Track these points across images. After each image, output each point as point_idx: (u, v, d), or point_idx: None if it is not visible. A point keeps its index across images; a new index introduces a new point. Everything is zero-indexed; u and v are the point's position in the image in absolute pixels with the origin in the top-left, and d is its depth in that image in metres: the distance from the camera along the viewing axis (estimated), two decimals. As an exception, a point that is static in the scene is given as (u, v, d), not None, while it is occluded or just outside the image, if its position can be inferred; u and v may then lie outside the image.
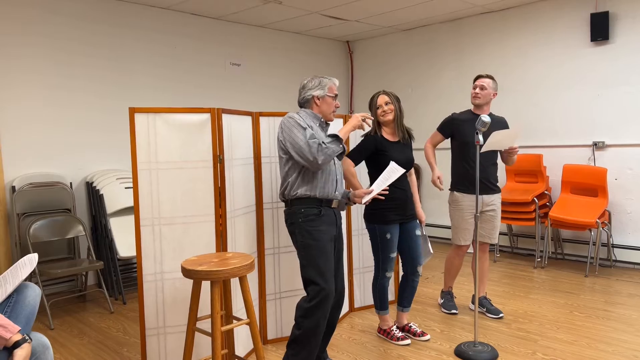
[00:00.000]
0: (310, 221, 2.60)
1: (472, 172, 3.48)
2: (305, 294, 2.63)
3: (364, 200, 2.75)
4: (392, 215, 3.10)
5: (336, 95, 2.73)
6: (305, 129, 2.53)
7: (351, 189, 2.87)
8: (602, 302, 3.94)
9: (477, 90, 3.52)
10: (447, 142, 3.71)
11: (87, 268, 3.98)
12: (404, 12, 5.64)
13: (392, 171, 2.81)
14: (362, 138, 3.17)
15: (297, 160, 2.54)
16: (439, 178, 3.36)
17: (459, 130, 3.51)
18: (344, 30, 6.47)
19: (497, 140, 3.09)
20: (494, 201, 3.58)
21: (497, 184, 3.63)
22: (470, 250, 4.07)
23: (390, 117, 3.12)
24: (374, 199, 2.94)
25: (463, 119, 3.55)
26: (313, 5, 5.23)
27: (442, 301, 3.80)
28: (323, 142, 2.50)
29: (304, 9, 5.38)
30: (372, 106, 3.17)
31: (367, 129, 3.14)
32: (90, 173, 4.68)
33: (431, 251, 3.37)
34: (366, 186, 3.21)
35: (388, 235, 3.10)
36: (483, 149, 3.09)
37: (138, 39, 5.03)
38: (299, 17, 5.71)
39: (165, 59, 5.25)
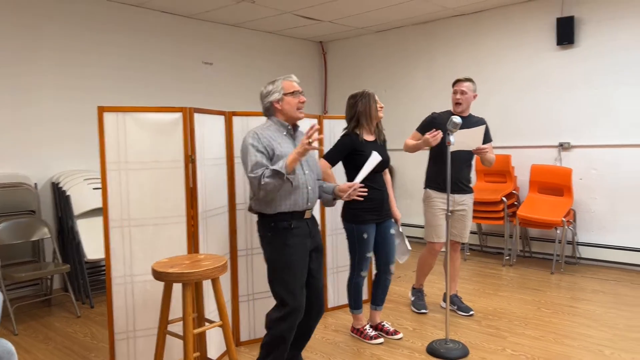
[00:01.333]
0: (278, 235, 2.51)
1: (444, 171, 3.50)
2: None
3: (344, 196, 2.68)
4: (369, 215, 3.12)
5: (297, 91, 2.57)
6: (257, 153, 2.41)
7: (336, 185, 2.77)
8: (567, 298, 4.05)
9: (458, 95, 3.55)
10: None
11: (53, 271, 3.86)
12: (376, 14, 5.68)
13: (372, 162, 2.76)
14: (340, 137, 3.16)
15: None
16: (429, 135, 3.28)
17: (439, 129, 3.50)
18: (317, 31, 6.47)
19: (461, 141, 3.15)
20: (465, 201, 3.63)
21: (470, 185, 3.68)
22: (443, 249, 4.13)
23: (382, 114, 3.20)
24: (352, 200, 2.95)
25: (443, 120, 3.54)
26: (286, 5, 5.21)
27: (413, 299, 3.83)
28: (263, 177, 2.36)
29: (277, 9, 5.36)
30: (371, 100, 3.13)
31: (315, 150, 2.78)
32: (56, 173, 4.55)
33: (409, 248, 3.42)
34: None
35: (365, 235, 3.12)
36: (453, 149, 3.14)
37: (108, 36, 4.92)
38: (272, 17, 5.68)
39: (136, 57, 5.14)
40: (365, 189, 2.99)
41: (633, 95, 4.74)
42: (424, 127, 3.60)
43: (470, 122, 3.58)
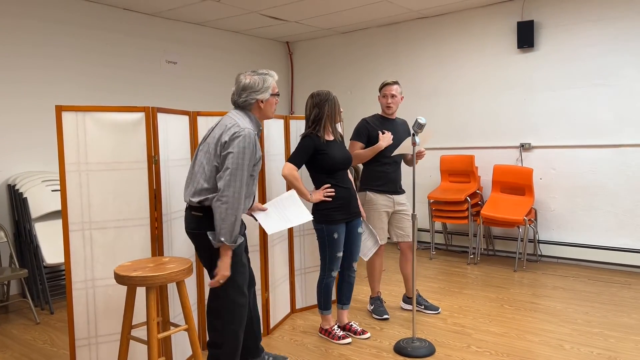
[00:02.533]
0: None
1: (386, 173, 3.56)
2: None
3: (260, 220, 2.76)
4: (338, 214, 3.12)
5: (278, 92, 2.60)
6: (246, 172, 2.37)
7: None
8: (529, 295, 4.17)
9: (389, 99, 3.57)
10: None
11: (10, 277, 3.72)
12: (342, 15, 5.70)
13: (291, 201, 2.88)
14: (300, 138, 3.15)
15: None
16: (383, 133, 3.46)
17: (373, 135, 3.54)
18: (283, 31, 6.45)
19: (407, 146, 3.25)
20: (402, 200, 3.68)
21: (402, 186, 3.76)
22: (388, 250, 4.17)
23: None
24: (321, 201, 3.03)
25: (375, 123, 3.59)
26: (252, 4, 5.17)
27: (372, 307, 3.78)
28: (234, 212, 2.31)
29: (243, 8, 5.32)
30: (337, 104, 3.15)
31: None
32: (12, 175, 4.37)
33: (380, 242, 3.49)
34: (311, 189, 3.20)
35: (335, 235, 3.12)
36: (395, 152, 3.26)
37: (66, 34, 4.77)
38: (238, 16, 5.63)
39: (97, 55, 5.00)
40: (332, 190, 3.02)
41: (589, 97, 4.91)
42: (361, 134, 3.57)
43: (396, 124, 3.68)
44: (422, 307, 3.82)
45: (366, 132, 3.56)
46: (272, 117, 2.66)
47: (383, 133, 3.48)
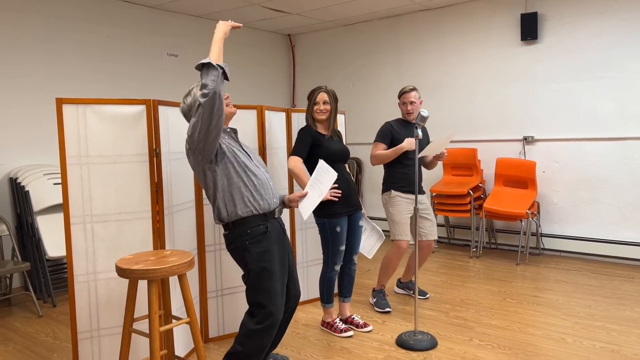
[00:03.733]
0: (259, 242, 2.39)
1: (407, 175, 3.64)
2: (250, 312, 2.43)
3: (301, 206, 2.61)
4: (340, 208, 3.12)
5: None
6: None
7: (284, 195, 2.70)
8: (532, 288, 4.16)
9: (409, 107, 3.66)
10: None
11: (13, 270, 3.72)
12: (344, 7, 5.67)
13: (323, 172, 2.67)
14: (298, 132, 3.16)
15: (194, 148, 2.28)
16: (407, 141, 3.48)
17: (396, 137, 3.63)
18: (285, 24, 6.41)
19: (433, 148, 3.31)
20: (423, 200, 3.76)
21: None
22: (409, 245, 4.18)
23: (323, 117, 3.15)
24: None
25: (398, 126, 3.69)
26: (253, -4, 5.14)
27: (374, 300, 3.80)
28: (202, 94, 2.19)
29: (245, 0, 5.28)
30: (311, 100, 3.16)
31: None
32: (14, 168, 4.37)
33: (383, 236, 3.49)
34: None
35: (338, 229, 3.12)
36: (420, 154, 3.24)
37: (67, 27, 4.74)
38: (240, 9, 5.60)
39: (98, 49, 4.98)
40: (339, 191, 2.99)
41: (592, 90, 4.88)
42: (385, 136, 3.65)
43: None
44: (411, 292, 3.97)
45: (390, 134, 3.64)
46: (232, 110, 2.50)
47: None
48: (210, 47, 2.34)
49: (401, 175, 3.65)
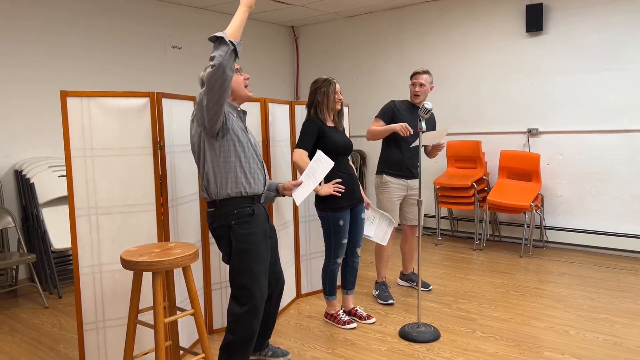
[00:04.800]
0: (244, 223, 2.40)
1: (403, 160, 3.62)
2: (233, 297, 2.46)
3: (294, 194, 2.60)
4: (342, 201, 3.12)
5: (239, 68, 2.48)
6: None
7: (279, 183, 2.69)
8: (535, 281, 4.16)
9: (417, 88, 3.64)
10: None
11: (18, 261, 3.75)
12: (348, -2, 5.63)
13: (319, 161, 2.67)
14: (303, 124, 3.14)
15: (197, 119, 2.29)
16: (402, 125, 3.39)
17: (398, 118, 3.59)
18: (289, 15, 6.38)
19: (429, 139, 3.29)
20: (415, 185, 3.73)
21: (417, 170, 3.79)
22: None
23: (339, 106, 3.17)
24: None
25: (402, 107, 3.66)
26: (257, -12, 5.12)
27: (377, 292, 3.82)
28: (213, 64, 2.16)
29: (248, -8, 5.25)
30: (328, 90, 3.10)
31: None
32: (19, 161, 4.39)
33: (394, 221, 3.50)
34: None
35: (341, 222, 3.12)
36: (423, 143, 3.23)
37: (71, 20, 4.74)
38: None
39: (101, 41, 4.98)
40: (343, 187, 2.99)
41: (598, 82, 4.84)
42: (386, 114, 3.64)
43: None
44: (414, 284, 4.00)
45: (391, 113, 3.61)
46: (247, 94, 2.50)
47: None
48: (232, 18, 2.29)
49: (396, 160, 3.64)
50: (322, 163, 2.67)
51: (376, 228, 3.47)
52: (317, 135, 3.09)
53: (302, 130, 3.11)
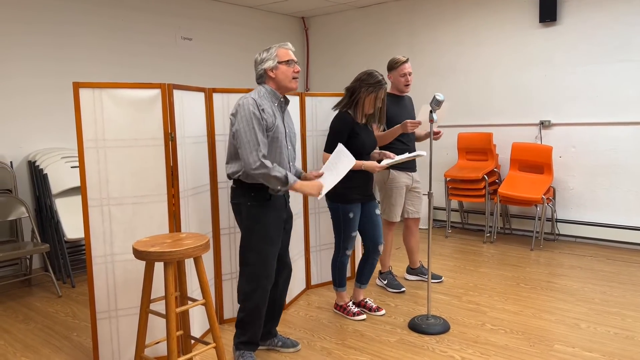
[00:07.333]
0: (259, 206, 2.53)
1: (406, 152, 3.57)
2: (241, 274, 2.60)
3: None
4: (354, 194, 3.11)
5: (292, 60, 2.53)
6: (259, 127, 2.40)
7: (303, 172, 2.76)
8: (546, 274, 4.14)
9: (409, 78, 3.59)
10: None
11: (32, 251, 3.80)
12: (359, -11, 5.59)
13: (341, 155, 2.66)
14: (335, 116, 3.06)
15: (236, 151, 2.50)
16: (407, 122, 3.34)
17: (390, 115, 3.53)
18: (299, 6, 6.36)
19: (442, 118, 3.32)
20: (417, 178, 3.78)
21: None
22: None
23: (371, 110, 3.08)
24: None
25: (391, 101, 3.59)
26: (267, -21, 5.09)
27: (385, 282, 3.83)
28: (271, 170, 2.39)
29: (258, -17, 5.24)
30: (377, 96, 3.01)
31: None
32: (32, 152, 4.44)
33: (422, 153, 3.40)
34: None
35: (351, 215, 3.12)
36: (439, 124, 3.19)
37: (82, 11, 4.76)
38: (253, -9, 5.55)
39: (113, 32, 5.00)
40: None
41: (613, 73, 4.78)
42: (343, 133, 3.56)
43: (405, 101, 3.72)
44: (425, 276, 3.97)
45: (391, 107, 3.58)
46: (292, 86, 2.54)
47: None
48: (299, 183, 2.53)
49: (399, 152, 3.57)
50: (344, 157, 2.67)
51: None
52: (348, 135, 3.03)
53: (333, 128, 3.05)
